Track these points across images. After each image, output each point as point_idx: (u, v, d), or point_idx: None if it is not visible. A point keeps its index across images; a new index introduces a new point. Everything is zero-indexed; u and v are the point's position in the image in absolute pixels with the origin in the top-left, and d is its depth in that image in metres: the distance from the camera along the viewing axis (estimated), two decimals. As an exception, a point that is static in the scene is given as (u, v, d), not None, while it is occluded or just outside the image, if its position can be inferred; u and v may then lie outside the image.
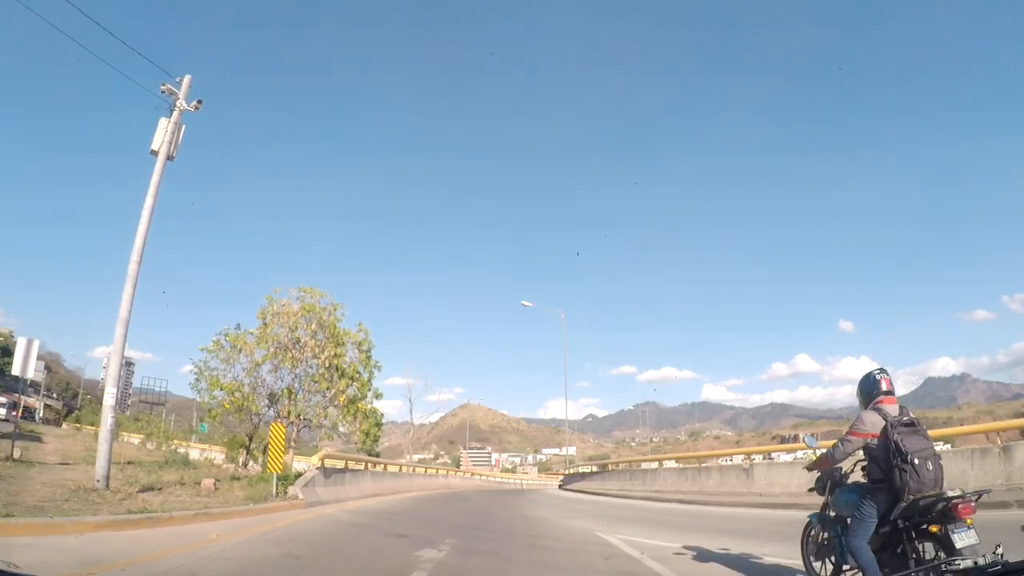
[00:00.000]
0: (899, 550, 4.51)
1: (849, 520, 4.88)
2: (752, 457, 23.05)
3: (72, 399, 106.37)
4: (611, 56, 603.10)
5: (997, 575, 2.25)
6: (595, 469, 32.06)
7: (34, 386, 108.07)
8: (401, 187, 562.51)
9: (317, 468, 15.94)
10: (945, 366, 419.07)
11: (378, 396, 26.42)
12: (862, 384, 5.16)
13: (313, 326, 24.68)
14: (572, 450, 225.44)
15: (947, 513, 4.21)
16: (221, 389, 23.73)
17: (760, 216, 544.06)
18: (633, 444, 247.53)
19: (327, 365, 24.07)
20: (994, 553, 2.41)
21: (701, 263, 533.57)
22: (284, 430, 14.59)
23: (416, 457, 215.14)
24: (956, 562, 2.33)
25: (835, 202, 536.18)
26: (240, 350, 24.53)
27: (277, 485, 14.30)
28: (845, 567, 5.00)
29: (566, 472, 40.60)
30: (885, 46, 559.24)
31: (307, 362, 24.50)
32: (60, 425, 72.07)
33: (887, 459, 4.50)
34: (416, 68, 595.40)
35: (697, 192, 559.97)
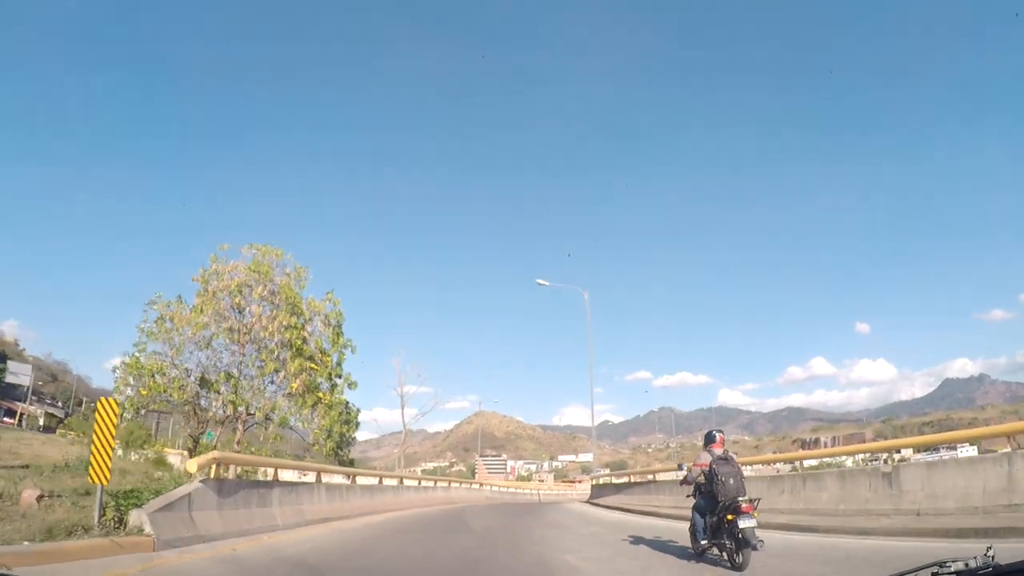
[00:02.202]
0: (719, 529, 7.74)
1: (694, 505, 8.41)
2: (898, 454, 16.23)
3: (77, 406, 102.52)
4: (602, 63, 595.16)
5: None
6: (635, 479, 25.13)
7: (38, 394, 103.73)
8: (396, 194, 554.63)
9: (201, 480, 9.27)
10: (963, 367, 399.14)
11: (351, 385, 19.92)
12: (706, 437, 8.60)
13: (261, 289, 18.27)
14: (589, 456, 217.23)
15: (738, 509, 7.36)
16: (142, 372, 17.42)
17: (772, 220, 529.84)
18: (649, 450, 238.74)
19: (278, 340, 17.65)
20: (985, 555, 2.15)
21: (715, 267, 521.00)
22: (116, 408, 8.02)
23: (431, 465, 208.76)
24: (948, 564, 2.18)
25: (848, 205, 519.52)
26: (177, 325, 18.21)
27: (104, 507, 7.79)
28: (703, 541, 8.01)
29: (594, 482, 33.53)
30: (888, 48, 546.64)
31: (254, 336, 18.10)
32: (54, 431, 67.65)
33: (711, 479, 7.88)
34: (408, 76, 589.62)
35: (707, 197, 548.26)
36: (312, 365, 17.87)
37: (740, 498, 7.46)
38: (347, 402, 19.91)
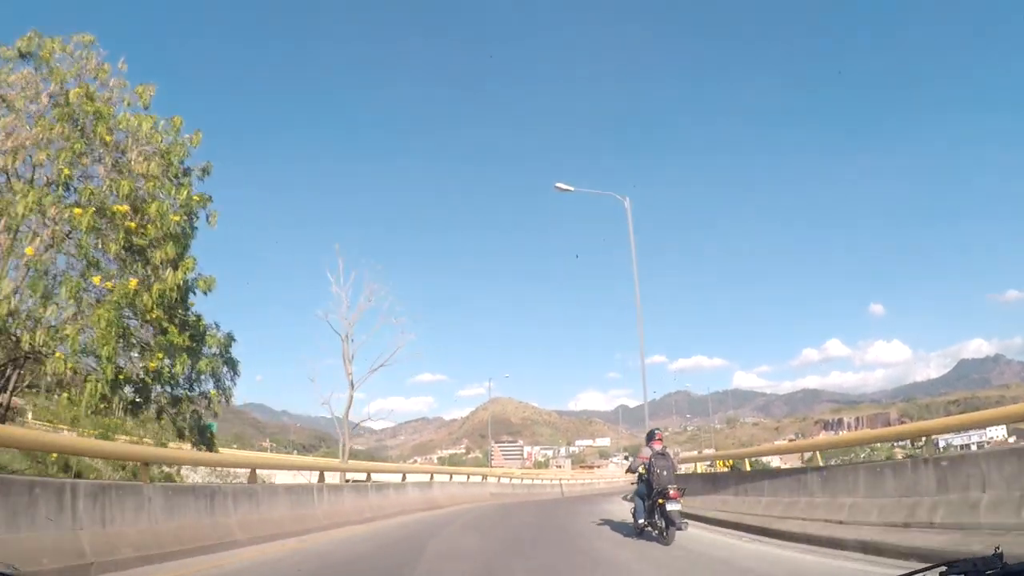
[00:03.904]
0: (653, 511, 8.89)
1: (636, 490, 9.71)
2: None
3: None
4: (609, 59, 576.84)
5: None
6: (746, 466, 14.84)
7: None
8: (400, 189, 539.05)
9: None
10: (978, 348, 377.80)
11: (203, 285, 10.17)
12: (647, 435, 9.79)
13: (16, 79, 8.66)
14: (607, 441, 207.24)
15: (667, 495, 8.43)
16: None
17: (785, 204, 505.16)
18: (666, 433, 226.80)
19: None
20: (994, 555, 2.01)
21: (730, 251, 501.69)
22: None
23: (447, 453, 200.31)
24: (957, 564, 2.01)
25: (863, 188, 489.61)
26: None
27: None
28: (641, 521, 9.30)
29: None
30: (901, 39, 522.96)
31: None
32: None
33: (650, 470, 9.00)
34: (415, 72, 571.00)
35: (720, 184, 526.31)
36: (77, 211, 8.14)
37: (670, 486, 8.56)
38: (198, 318, 10.09)
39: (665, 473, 8.73)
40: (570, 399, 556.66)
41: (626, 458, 13.00)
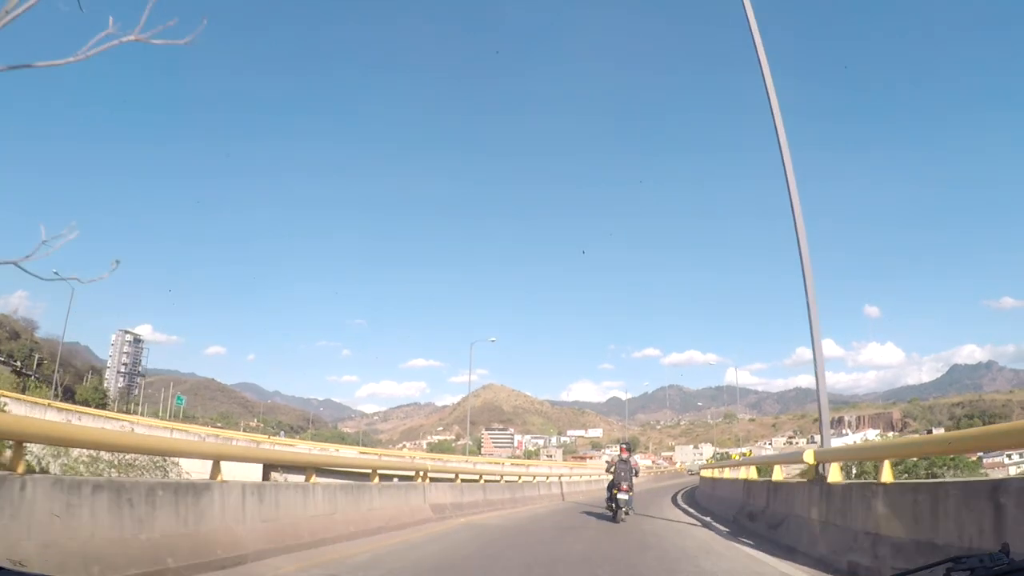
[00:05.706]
0: (612, 499, 12.99)
1: (609, 485, 13.58)
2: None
3: (37, 367, 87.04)
4: (613, 51, 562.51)
5: (1002, 574, 1.82)
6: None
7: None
8: (408, 182, 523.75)
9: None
10: (971, 353, 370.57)
11: None
12: (620, 446, 14.19)
13: None
14: (599, 432, 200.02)
15: (620, 488, 12.67)
16: None
17: (782, 202, 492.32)
18: (658, 427, 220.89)
19: None
20: (1000, 551, 1.93)
21: (725, 248, 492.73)
22: None
23: (436, 439, 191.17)
24: (963, 560, 1.91)
25: (861, 190, 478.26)
26: None
27: None
28: (607, 504, 13.59)
29: (707, 471, 15.46)
30: (901, 40, 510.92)
31: None
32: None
33: (615, 471, 13.21)
34: (424, 66, 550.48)
35: (719, 178, 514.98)
36: None
37: (622, 482, 12.65)
38: None
39: (622, 474, 12.85)
40: (562, 389, 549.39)
41: (607, 461, 17.93)
